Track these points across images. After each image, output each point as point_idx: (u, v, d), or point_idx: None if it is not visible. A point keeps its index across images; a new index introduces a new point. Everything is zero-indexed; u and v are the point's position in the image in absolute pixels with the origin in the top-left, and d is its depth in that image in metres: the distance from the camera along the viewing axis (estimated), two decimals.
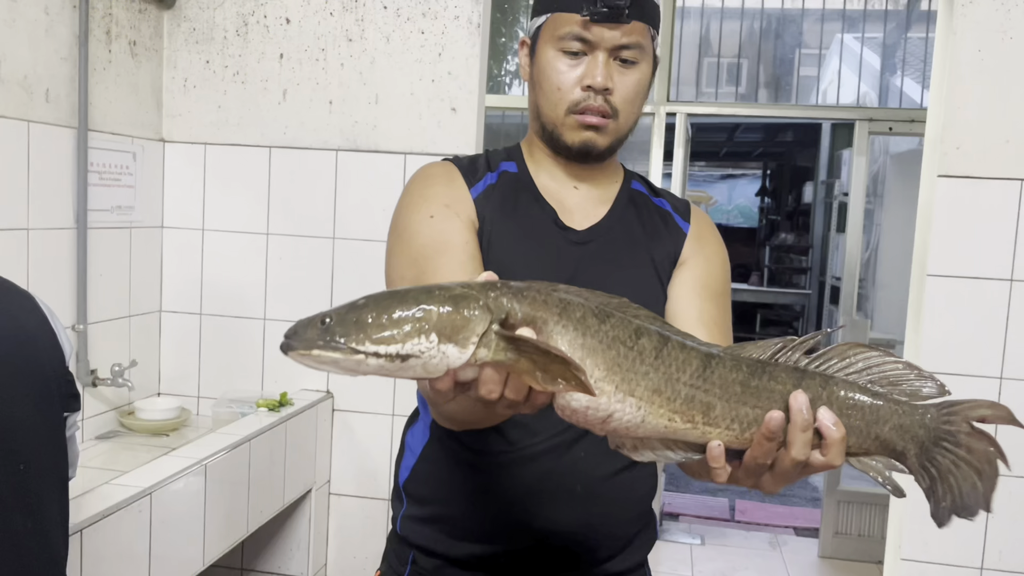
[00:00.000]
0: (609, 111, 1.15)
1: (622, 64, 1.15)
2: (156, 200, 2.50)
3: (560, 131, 1.17)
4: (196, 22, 2.48)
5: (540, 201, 1.21)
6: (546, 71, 1.16)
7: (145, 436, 2.31)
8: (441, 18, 2.36)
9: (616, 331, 0.79)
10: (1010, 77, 2.10)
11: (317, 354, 0.73)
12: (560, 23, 1.15)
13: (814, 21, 8.22)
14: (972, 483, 0.84)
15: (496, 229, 1.17)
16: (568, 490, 1.14)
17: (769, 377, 0.82)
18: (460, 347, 0.74)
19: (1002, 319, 2.14)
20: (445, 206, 1.15)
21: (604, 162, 1.23)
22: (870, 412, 0.83)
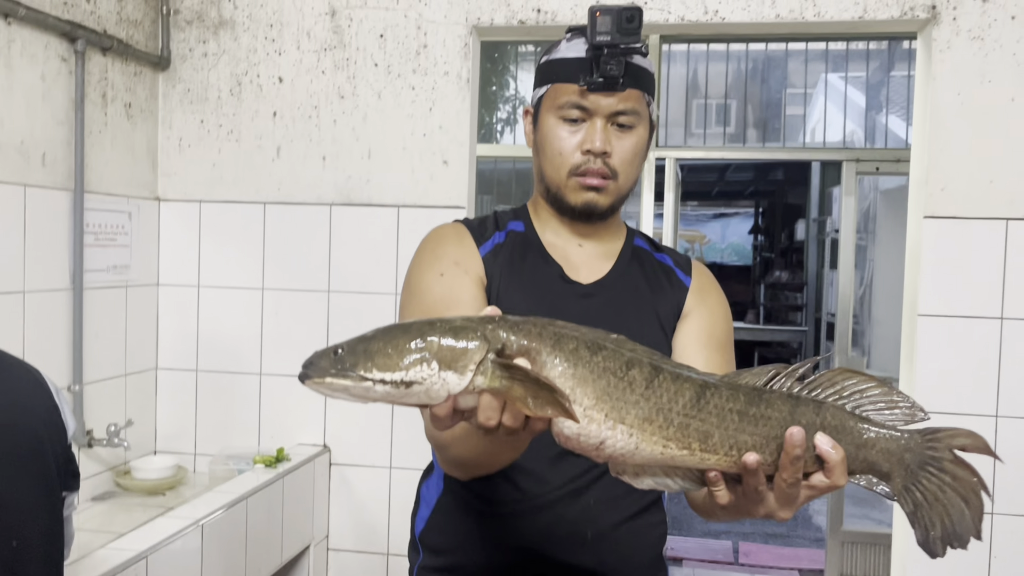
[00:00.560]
0: (609, 173, 1.22)
1: (619, 128, 1.22)
2: (152, 258, 2.52)
3: (564, 193, 1.24)
4: (191, 83, 2.52)
5: (546, 258, 1.27)
6: (548, 137, 1.24)
7: (141, 496, 2.30)
8: (431, 74, 2.40)
9: (607, 362, 0.84)
10: (990, 119, 2.14)
11: (330, 382, 0.80)
12: (560, 93, 1.22)
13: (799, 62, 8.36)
14: (960, 510, 0.88)
15: (504, 285, 1.23)
16: (580, 537, 1.18)
17: (766, 405, 0.87)
18: (459, 374, 0.80)
19: (995, 357, 2.15)
20: (455, 264, 1.22)
21: (607, 220, 1.29)
22: (858, 437, 0.88)
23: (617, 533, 1.20)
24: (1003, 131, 2.14)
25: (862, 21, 2.22)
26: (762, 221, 11.71)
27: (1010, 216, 2.14)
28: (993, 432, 2.15)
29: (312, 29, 2.45)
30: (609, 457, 0.85)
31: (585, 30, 1.22)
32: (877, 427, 0.88)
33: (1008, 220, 2.14)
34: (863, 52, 7.21)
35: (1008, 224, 2.14)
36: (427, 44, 2.40)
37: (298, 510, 2.31)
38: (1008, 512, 2.14)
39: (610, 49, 1.18)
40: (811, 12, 2.22)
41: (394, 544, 2.46)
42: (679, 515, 5.15)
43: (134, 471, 2.33)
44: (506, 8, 2.35)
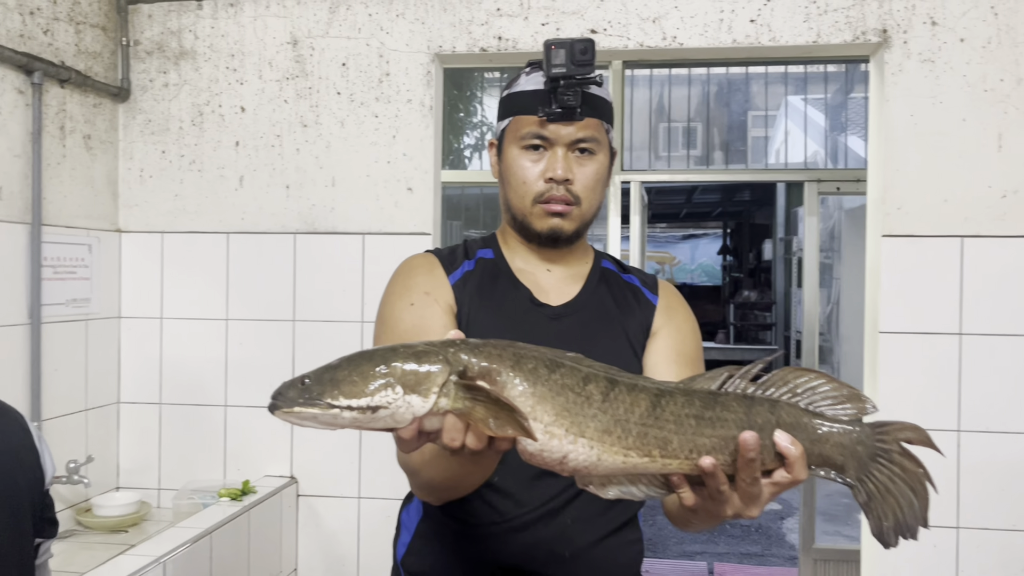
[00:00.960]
0: (572, 199, 1.26)
1: (580, 155, 1.26)
2: (113, 291, 2.49)
3: (529, 220, 1.28)
4: (151, 114, 2.51)
5: (515, 283, 1.30)
6: (512, 168, 1.28)
7: (103, 534, 2.25)
8: (394, 102, 2.41)
9: (565, 379, 0.87)
10: (943, 139, 2.19)
11: (298, 411, 0.83)
12: (521, 125, 1.27)
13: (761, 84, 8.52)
14: (909, 500, 0.92)
15: (474, 311, 1.26)
16: (558, 556, 1.21)
17: (721, 407, 0.90)
18: (423, 397, 0.83)
19: (954, 373, 2.18)
20: (425, 294, 1.25)
21: (573, 245, 1.32)
22: (813, 432, 0.91)
23: (594, 552, 1.23)
24: (955, 151, 2.19)
25: (816, 45, 2.26)
26: (730, 241, 11.83)
27: (965, 234, 2.18)
28: (955, 446, 2.17)
29: (274, 59, 2.45)
30: (573, 470, 0.87)
31: (543, 63, 1.26)
32: (831, 422, 0.92)
33: (963, 237, 2.19)
34: (822, 75, 7.37)
35: (963, 241, 2.19)
36: (389, 72, 2.41)
37: (265, 543, 2.27)
38: (973, 526, 2.17)
39: (566, 80, 1.22)
40: (766, 37, 2.27)
41: (364, 574, 2.42)
42: (654, 537, 5.14)
43: (95, 508, 2.28)
44: (468, 36, 2.37)
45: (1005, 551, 2.15)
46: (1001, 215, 2.17)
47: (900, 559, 2.19)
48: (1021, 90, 2.16)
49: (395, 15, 2.40)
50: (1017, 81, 2.16)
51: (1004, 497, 2.16)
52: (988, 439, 2.17)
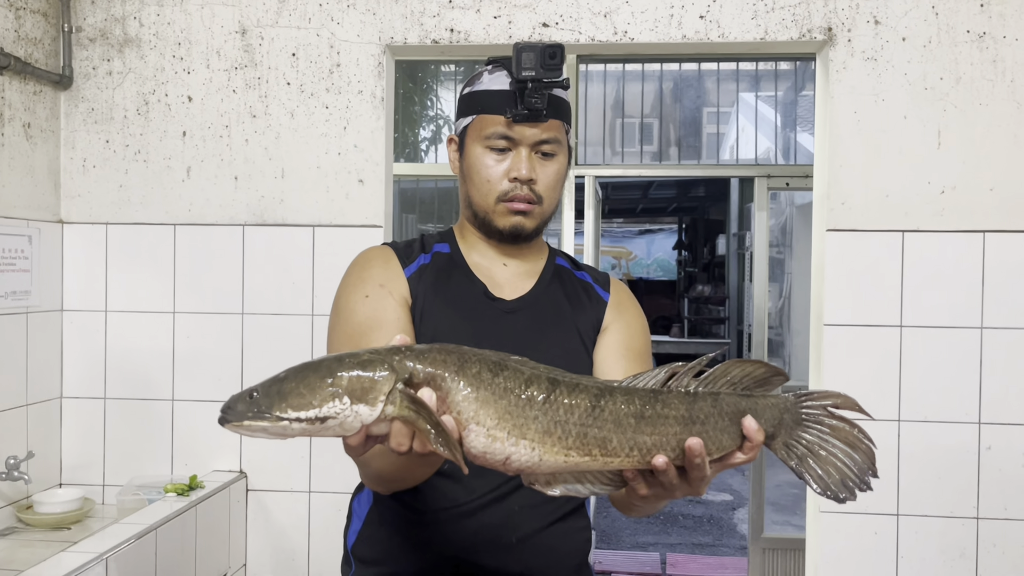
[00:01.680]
0: (534, 198, 1.29)
1: (543, 157, 1.30)
2: (55, 283, 2.43)
3: (492, 217, 1.31)
4: (95, 102, 2.45)
5: (471, 277, 1.33)
6: (476, 166, 1.30)
7: (45, 531, 2.20)
8: (345, 93, 2.39)
9: (508, 382, 0.89)
10: (885, 136, 2.24)
11: (248, 424, 0.85)
12: (486, 124, 1.29)
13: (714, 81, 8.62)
14: (849, 455, 0.96)
15: (429, 304, 1.28)
16: (504, 542, 1.23)
17: (663, 405, 0.93)
18: (370, 406, 0.85)
19: (895, 364, 2.24)
20: (380, 286, 1.27)
21: (531, 241, 1.35)
22: (748, 411, 0.96)
23: (540, 537, 1.25)
24: (896, 147, 2.24)
25: (763, 42, 2.30)
26: (685, 237, 11.97)
27: (905, 228, 2.24)
28: (896, 435, 2.23)
29: (222, 48, 2.41)
30: (517, 470, 0.90)
31: (505, 62, 1.30)
32: (760, 397, 0.96)
33: (904, 232, 2.24)
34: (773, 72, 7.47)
35: (904, 236, 2.24)
36: (340, 63, 2.38)
37: (213, 539, 2.25)
38: (912, 513, 2.23)
39: (534, 84, 1.25)
40: (715, 33, 2.30)
41: (315, 570, 2.41)
42: (608, 528, 5.19)
43: (36, 505, 2.23)
44: (419, 28, 2.36)
45: (944, 537, 2.22)
46: (940, 211, 2.23)
47: (842, 546, 2.24)
48: (960, 89, 2.22)
49: (346, 5, 2.37)
50: (956, 80, 2.22)
51: (942, 485, 2.22)
52: (927, 428, 2.23)
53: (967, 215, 2.22)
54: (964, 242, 2.22)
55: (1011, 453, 2.20)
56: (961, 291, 2.22)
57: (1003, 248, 2.21)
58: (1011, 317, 2.21)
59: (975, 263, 2.22)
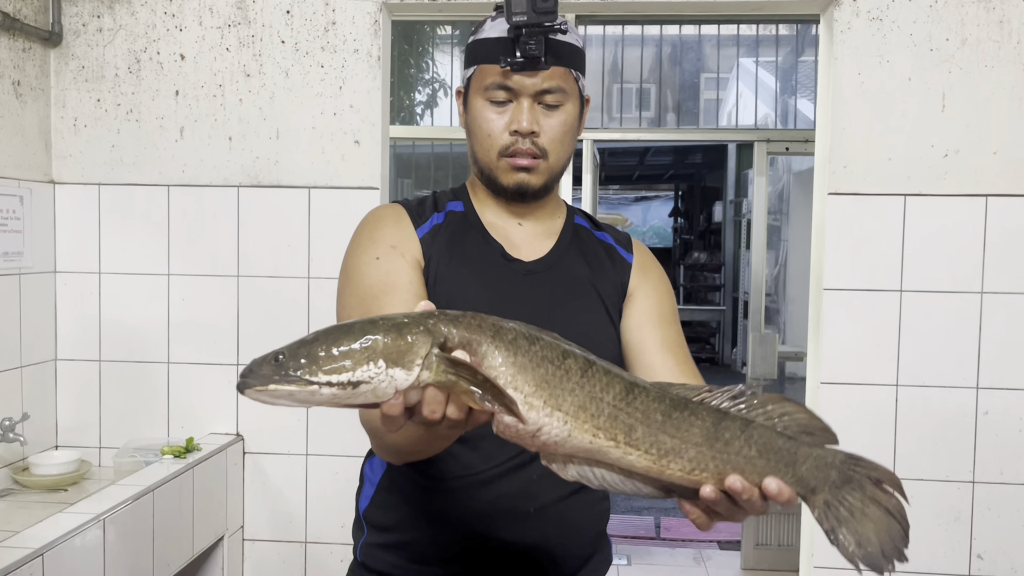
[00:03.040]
0: (538, 152, 1.22)
1: (546, 108, 1.22)
2: (48, 244, 2.40)
3: (495, 174, 1.24)
4: (85, 60, 2.40)
5: (486, 237, 1.27)
6: (477, 120, 1.24)
7: (41, 493, 2.20)
8: (340, 52, 2.35)
9: (545, 352, 0.85)
10: (888, 98, 2.21)
11: (273, 388, 0.78)
12: (485, 75, 1.22)
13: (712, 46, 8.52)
14: (888, 524, 0.91)
15: (443, 266, 1.22)
16: (523, 512, 1.18)
17: (691, 412, 0.89)
18: (406, 370, 0.80)
19: (894, 329, 2.23)
20: (391, 247, 1.21)
21: (543, 199, 1.28)
22: (788, 454, 0.89)
23: (559, 508, 1.21)
24: (900, 110, 2.21)
25: (768, 2, 2.25)
26: (681, 204, 11.93)
27: (908, 192, 2.22)
28: (893, 400, 2.23)
29: (215, 4, 2.36)
30: (543, 444, 0.86)
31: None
32: (805, 445, 0.90)
33: (906, 196, 2.22)
34: (773, 38, 7.39)
35: (906, 200, 2.22)
36: (336, 21, 2.34)
37: (210, 501, 2.25)
38: (908, 477, 2.23)
39: (528, 29, 1.18)
40: None
41: (311, 532, 2.41)
42: None
43: (33, 467, 2.22)
44: None
45: (940, 501, 2.23)
46: (942, 174, 2.21)
47: None
48: (965, 50, 2.19)
49: None
50: (962, 41, 2.19)
51: (939, 449, 2.23)
52: (925, 393, 2.23)
53: (970, 179, 2.20)
54: (966, 206, 2.20)
55: (1008, 418, 2.20)
56: (962, 256, 2.21)
57: (1005, 212, 2.19)
58: (1012, 282, 2.20)
59: (977, 227, 2.20)
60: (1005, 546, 2.22)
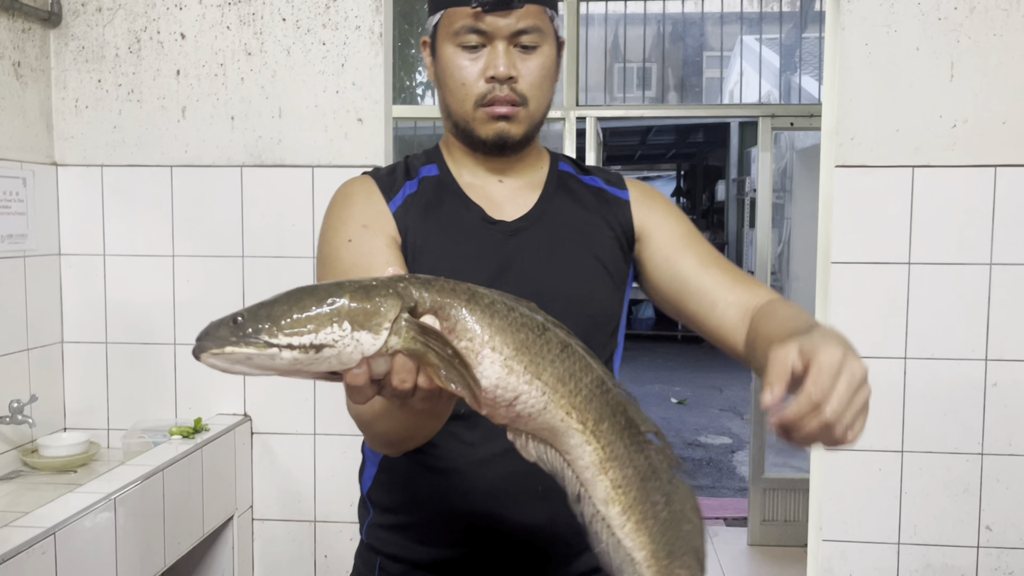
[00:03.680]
0: (517, 99, 1.14)
1: (523, 50, 1.14)
2: (51, 226, 2.39)
3: (472, 126, 1.16)
4: (85, 40, 2.39)
5: (465, 200, 1.19)
6: (448, 68, 1.15)
7: (51, 474, 2.20)
8: (342, 29, 2.33)
9: (524, 320, 0.80)
10: (896, 68, 2.19)
11: (230, 351, 0.73)
12: (454, 18, 1.14)
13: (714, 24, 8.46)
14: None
15: (420, 239, 1.15)
16: (529, 491, 1.12)
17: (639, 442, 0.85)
18: (373, 333, 0.74)
19: (903, 302, 2.22)
20: (363, 227, 1.14)
21: (524, 150, 1.21)
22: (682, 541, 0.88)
23: None
24: (908, 80, 2.19)
25: None
26: (684, 183, 11.89)
27: (916, 163, 2.20)
28: (902, 373, 2.22)
29: None
30: (516, 416, 0.81)
31: None
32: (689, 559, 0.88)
33: (914, 167, 2.20)
34: (776, 15, 7.34)
35: (914, 171, 2.20)
36: None
37: (219, 481, 2.25)
38: (916, 450, 2.23)
39: None
40: None
41: (320, 511, 2.42)
42: None
43: (42, 449, 2.22)
44: None
45: (948, 473, 2.23)
46: (951, 145, 2.19)
47: (845, 483, 2.25)
48: (974, 19, 2.16)
49: None
50: (970, 9, 2.16)
51: (947, 421, 2.22)
52: (933, 365, 2.22)
53: (978, 149, 2.18)
54: (975, 177, 2.19)
55: (1017, 389, 2.20)
56: (971, 227, 2.19)
57: (1014, 182, 2.18)
58: (1021, 253, 2.18)
59: (986, 198, 2.19)
60: (1014, 518, 2.22)
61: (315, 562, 2.43)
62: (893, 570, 2.25)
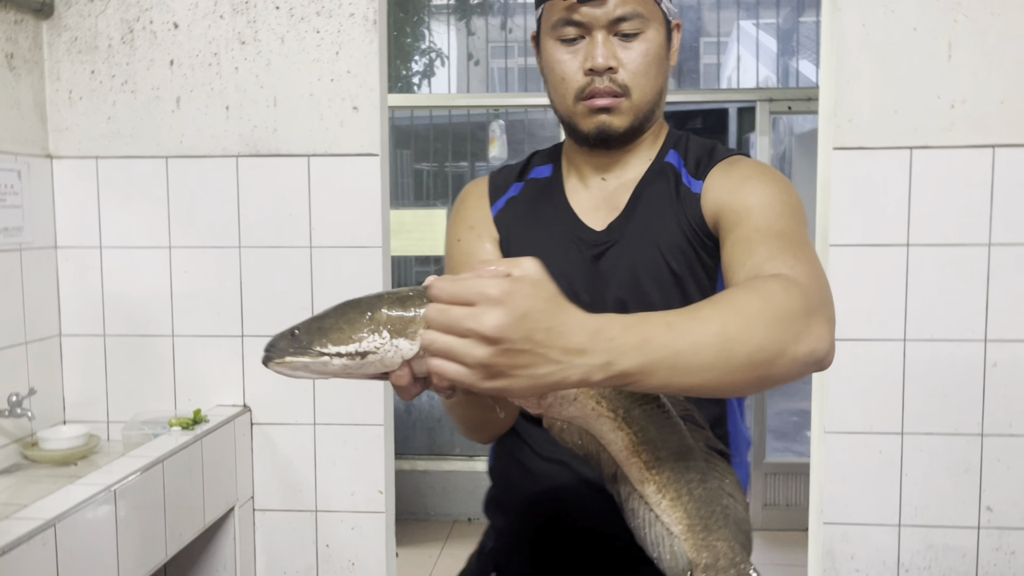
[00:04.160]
0: (618, 90, 1.11)
1: (623, 39, 1.11)
2: (47, 219, 2.38)
3: (575, 120, 1.15)
4: (77, 31, 2.37)
5: (560, 206, 1.19)
6: (550, 63, 1.15)
7: (51, 467, 2.20)
8: (336, 16, 2.31)
9: None
10: (894, 49, 2.18)
11: (290, 360, 0.83)
12: (552, 11, 1.13)
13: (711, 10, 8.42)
14: None
15: (515, 243, 1.19)
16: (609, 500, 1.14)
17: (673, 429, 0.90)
18: (410, 339, 0.82)
19: (901, 284, 2.21)
20: (469, 228, 1.21)
21: (632, 144, 1.18)
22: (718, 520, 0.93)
23: None
24: (905, 61, 2.18)
25: None
26: None
27: (913, 145, 2.19)
28: (901, 355, 2.22)
29: None
30: (549, 406, 0.87)
31: None
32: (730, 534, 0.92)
33: (912, 149, 2.19)
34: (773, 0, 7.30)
35: (912, 152, 2.19)
36: None
37: (220, 471, 2.25)
38: (917, 431, 2.23)
39: None
40: None
41: (322, 501, 2.42)
42: None
43: (42, 442, 2.22)
44: None
45: (949, 454, 2.23)
46: (949, 125, 2.18)
47: (846, 465, 2.25)
48: None
49: None
50: None
51: (948, 403, 2.22)
52: (933, 347, 2.21)
53: (977, 129, 2.17)
54: (973, 157, 2.18)
55: (1017, 369, 2.19)
56: (969, 207, 2.18)
57: (1013, 162, 2.17)
58: (1020, 233, 2.17)
59: (984, 178, 2.18)
60: (1015, 498, 2.22)
61: (317, 552, 2.43)
62: (894, 552, 2.25)
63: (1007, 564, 2.23)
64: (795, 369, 0.82)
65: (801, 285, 0.87)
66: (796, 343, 0.81)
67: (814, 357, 0.83)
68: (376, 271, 2.34)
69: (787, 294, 0.84)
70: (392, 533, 2.49)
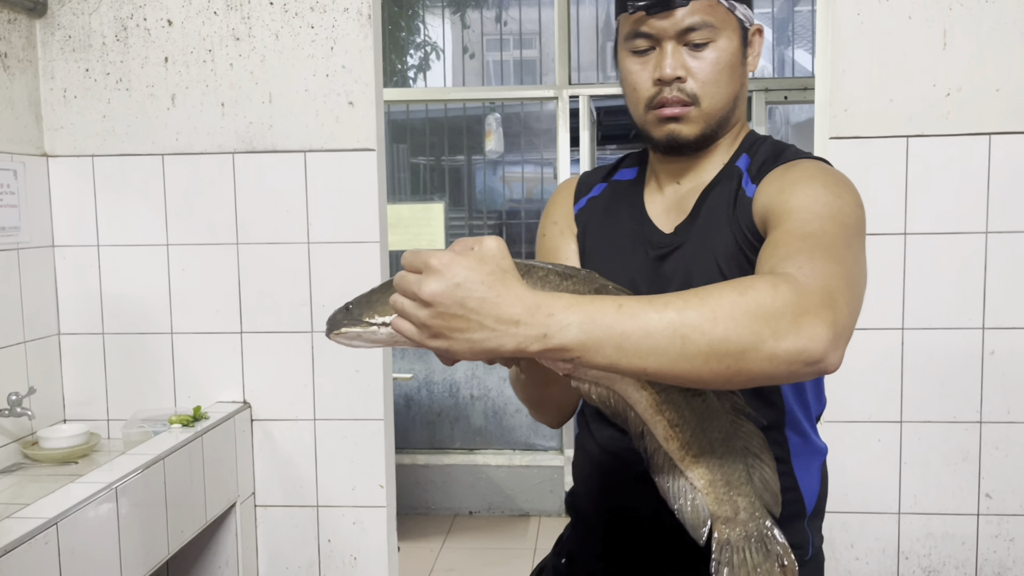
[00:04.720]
0: (687, 99, 1.12)
1: (694, 48, 1.12)
2: (44, 218, 2.38)
3: (647, 129, 1.17)
4: (71, 29, 2.36)
5: (635, 210, 1.22)
6: (624, 75, 1.19)
7: (52, 466, 2.20)
8: (330, 11, 2.31)
9: (577, 287, 0.90)
10: (888, 38, 2.18)
11: (345, 331, 0.90)
12: (625, 24, 1.16)
13: None
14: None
15: (589, 239, 1.24)
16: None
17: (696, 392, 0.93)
18: None
19: (899, 272, 2.22)
20: (553, 223, 1.28)
21: (706, 151, 1.18)
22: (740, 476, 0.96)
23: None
24: (900, 50, 2.18)
25: None
26: None
27: (909, 133, 2.19)
28: (899, 343, 2.22)
29: None
30: (574, 368, 0.89)
31: None
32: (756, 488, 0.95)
33: (908, 137, 2.19)
34: None
35: (908, 141, 2.20)
36: None
37: (221, 468, 2.25)
38: (915, 419, 2.24)
39: None
40: None
41: (323, 496, 2.43)
42: None
43: (42, 441, 2.22)
44: None
45: (947, 442, 2.23)
46: (945, 114, 2.18)
47: (845, 454, 2.26)
48: None
49: None
50: None
51: (945, 391, 2.23)
52: (931, 335, 2.22)
53: (973, 118, 2.17)
54: (969, 145, 2.18)
55: (1015, 357, 2.20)
56: (966, 196, 2.19)
57: (1009, 150, 2.17)
58: (1016, 220, 2.18)
59: (980, 166, 2.18)
60: (1013, 484, 2.22)
61: (319, 547, 2.44)
62: (894, 540, 2.26)
63: (1006, 551, 2.24)
64: (778, 367, 0.81)
65: (798, 284, 0.85)
66: (776, 339, 0.80)
67: (802, 357, 0.81)
68: (374, 266, 2.35)
69: (773, 291, 0.82)
70: (393, 527, 2.50)
